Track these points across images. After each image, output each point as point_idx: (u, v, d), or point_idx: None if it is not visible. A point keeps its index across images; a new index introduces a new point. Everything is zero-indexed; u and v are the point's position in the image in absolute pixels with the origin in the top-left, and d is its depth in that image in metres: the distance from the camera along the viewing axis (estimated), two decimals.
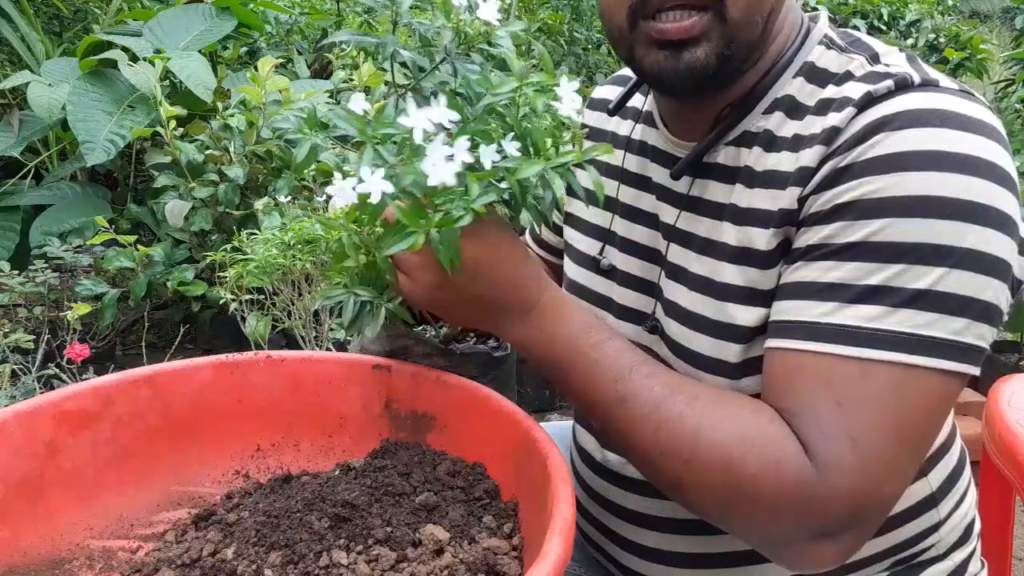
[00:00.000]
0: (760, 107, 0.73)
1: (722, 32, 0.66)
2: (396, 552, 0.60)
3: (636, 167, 0.85)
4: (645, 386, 0.64)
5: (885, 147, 0.60)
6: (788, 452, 0.59)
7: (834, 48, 0.72)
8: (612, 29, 0.72)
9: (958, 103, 0.62)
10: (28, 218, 2.74)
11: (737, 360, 0.70)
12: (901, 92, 0.63)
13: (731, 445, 0.60)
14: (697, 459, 0.61)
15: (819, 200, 0.63)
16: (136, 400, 0.76)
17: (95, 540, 0.70)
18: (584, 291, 0.90)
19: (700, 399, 0.63)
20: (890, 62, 0.67)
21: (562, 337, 0.67)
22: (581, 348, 0.66)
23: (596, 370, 0.66)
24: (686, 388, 0.65)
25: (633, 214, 0.85)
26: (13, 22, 3.13)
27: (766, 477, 0.59)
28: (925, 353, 0.58)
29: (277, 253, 1.68)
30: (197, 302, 2.48)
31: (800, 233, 0.64)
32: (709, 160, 0.75)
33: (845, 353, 0.59)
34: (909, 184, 0.58)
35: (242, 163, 2.53)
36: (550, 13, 4.56)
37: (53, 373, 1.94)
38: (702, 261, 0.74)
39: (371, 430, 0.81)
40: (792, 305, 0.63)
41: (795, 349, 0.62)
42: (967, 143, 0.59)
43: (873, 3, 5.54)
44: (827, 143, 0.64)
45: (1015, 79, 4.62)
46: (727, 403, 0.64)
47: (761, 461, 0.59)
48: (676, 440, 0.62)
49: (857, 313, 0.59)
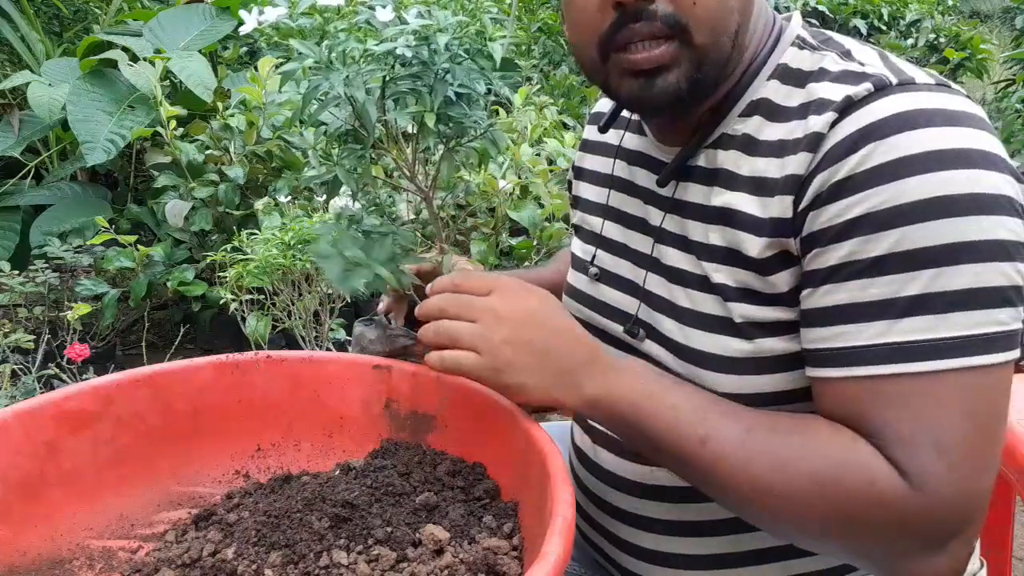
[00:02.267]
0: (736, 110, 0.73)
1: (691, 57, 0.67)
2: (396, 552, 0.61)
3: (625, 173, 0.88)
4: (724, 424, 0.63)
5: (880, 156, 0.60)
6: (880, 472, 0.59)
7: (807, 48, 0.72)
8: (584, 62, 0.73)
9: (938, 99, 0.62)
10: (28, 218, 2.75)
11: (742, 356, 0.70)
12: (881, 95, 0.63)
13: (823, 471, 0.60)
14: (792, 491, 0.61)
15: (823, 216, 0.63)
16: (136, 400, 0.76)
17: (95, 540, 0.70)
18: (576, 293, 0.92)
19: (779, 430, 0.63)
20: (863, 60, 0.68)
21: (638, 387, 0.66)
22: (656, 394, 0.66)
23: (675, 415, 0.65)
24: (762, 420, 0.64)
25: (623, 219, 0.87)
26: (13, 22, 3.13)
27: (864, 499, 0.59)
28: (985, 351, 0.59)
29: (277, 253, 1.69)
30: (197, 302, 2.49)
31: (815, 253, 0.64)
32: (690, 164, 0.77)
33: (911, 370, 0.59)
34: (913, 189, 0.59)
35: (242, 163, 2.54)
36: (550, 13, 4.57)
37: (53, 373, 1.94)
38: (693, 261, 0.75)
39: (371, 430, 0.81)
40: (839, 331, 0.63)
41: (859, 376, 0.62)
42: (957, 138, 0.60)
43: (873, 3, 5.54)
44: (812, 149, 0.64)
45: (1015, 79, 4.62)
46: (805, 429, 0.63)
47: (856, 483, 0.59)
48: (767, 475, 0.61)
49: (910, 327, 0.60)
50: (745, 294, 0.70)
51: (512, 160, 2.42)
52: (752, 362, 0.70)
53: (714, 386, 0.73)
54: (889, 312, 0.60)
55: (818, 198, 0.63)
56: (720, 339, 0.72)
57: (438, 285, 0.70)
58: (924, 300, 0.59)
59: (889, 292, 0.60)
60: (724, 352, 0.71)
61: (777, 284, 0.68)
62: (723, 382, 0.72)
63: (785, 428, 0.64)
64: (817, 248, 0.64)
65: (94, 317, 2.49)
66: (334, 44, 0.65)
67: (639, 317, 0.81)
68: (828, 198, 0.63)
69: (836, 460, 0.60)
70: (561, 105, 3.42)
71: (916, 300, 0.59)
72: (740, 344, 0.70)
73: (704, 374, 0.73)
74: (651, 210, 0.82)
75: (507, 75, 0.74)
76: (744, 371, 0.71)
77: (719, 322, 0.72)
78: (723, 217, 0.72)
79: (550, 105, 2.97)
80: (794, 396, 0.71)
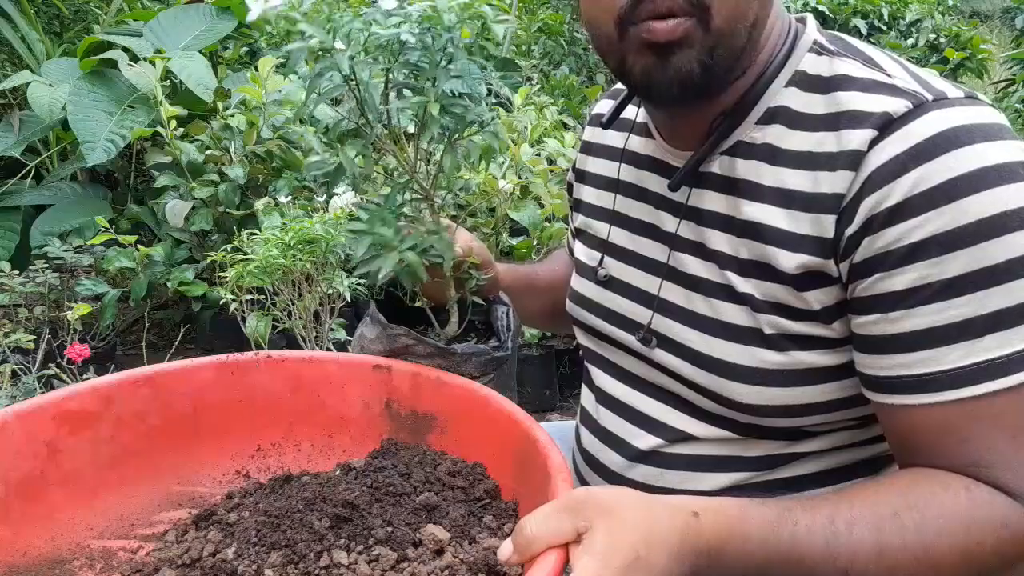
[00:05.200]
0: (752, 116, 0.73)
1: (705, 39, 0.67)
2: (396, 552, 0.60)
3: (632, 178, 0.86)
4: (854, 540, 0.59)
5: (932, 178, 0.61)
6: (1004, 508, 0.60)
7: (825, 54, 0.72)
8: (599, 38, 0.72)
9: (972, 113, 0.63)
10: (28, 218, 2.75)
11: (773, 368, 0.70)
12: (919, 112, 0.63)
13: (960, 539, 0.59)
14: (944, 571, 0.60)
15: (881, 241, 0.63)
16: (136, 400, 0.76)
17: (95, 540, 0.70)
18: (584, 300, 0.90)
19: (900, 515, 0.60)
20: (890, 70, 0.68)
21: (751, 549, 0.58)
22: (772, 545, 0.59)
23: (804, 559, 0.59)
24: (879, 511, 0.60)
25: (631, 224, 0.85)
26: (13, 22, 3.13)
27: (1005, 544, 0.59)
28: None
29: (277, 253, 1.68)
30: (197, 302, 2.49)
31: (877, 279, 0.64)
32: (704, 169, 0.76)
33: (999, 387, 0.60)
34: (972, 208, 0.60)
35: (242, 163, 2.54)
36: (550, 13, 4.56)
37: (53, 373, 1.94)
38: (714, 270, 0.74)
39: (372, 430, 0.81)
40: (923, 356, 0.62)
41: (948, 401, 0.62)
42: (999, 153, 0.61)
43: (873, 3, 5.53)
44: (853, 168, 0.64)
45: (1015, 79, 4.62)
46: (919, 500, 0.61)
47: (991, 534, 0.59)
48: (917, 571, 0.60)
49: (991, 344, 0.60)
50: (776, 307, 0.69)
51: (512, 160, 2.41)
52: (783, 374, 0.70)
53: (735, 396, 0.72)
54: (969, 333, 0.61)
55: (871, 222, 0.63)
56: (748, 350, 0.71)
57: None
58: (1001, 316, 0.60)
59: (968, 312, 0.60)
60: (752, 363, 0.71)
61: (810, 301, 0.68)
62: (746, 392, 0.71)
63: (903, 506, 0.60)
64: (880, 273, 0.63)
65: (94, 317, 2.49)
66: (339, 26, 0.65)
67: (652, 327, 0.80)
68: (885, 223, 0.62)
69: (964, 518, 0.60)
70: (561, 105, 3.42)
71: (993, 317, 0.60)
72: (772, 356, 0.70)
73: (727, 384, 0.72)
74: (663, 216, 0.80)
75: (507, 75, 0.74)
76: (773, 383, 0.70)
77: (747, 332, 0.71)
78: (752, 231, 0.71)
79: (550, 105, 2.97)
80: (820, 408, 0.71)
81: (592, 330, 0.90)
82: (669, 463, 0.79)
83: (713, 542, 0.56)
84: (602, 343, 0.89)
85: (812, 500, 0.61)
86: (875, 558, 0.59)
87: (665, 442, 0.79)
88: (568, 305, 0.94)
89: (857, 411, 0.71)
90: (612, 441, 0.85)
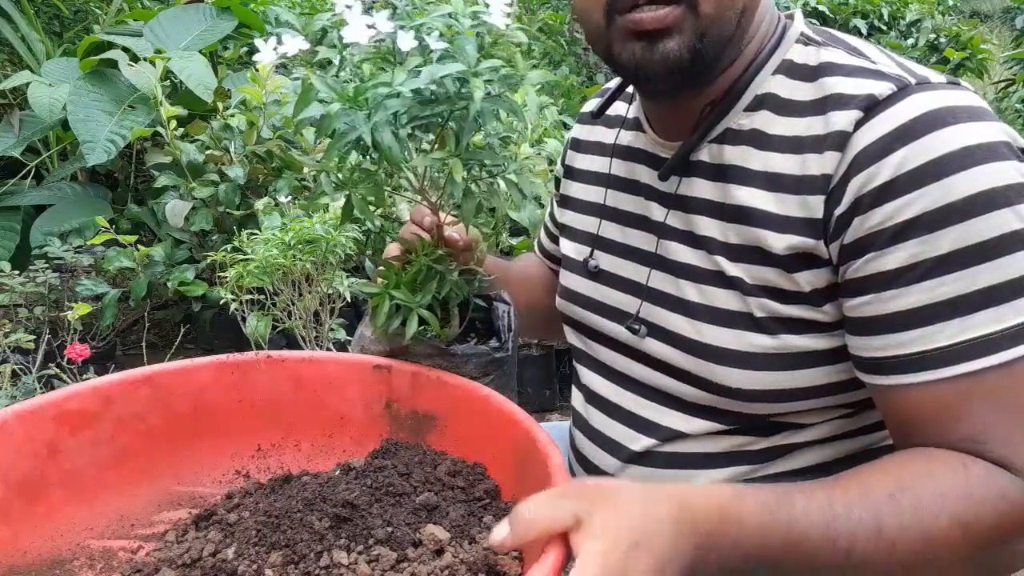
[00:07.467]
0: (741, 104, 0.74)
1: (694, 25, 0.68)
2: (396, 552, 0.61)
3: (623, 172, 0.87)
4: (853, 522, 0.59)
5: (918, 157, 0.61)
6: (1002, 483, 0.60)
7: (811, 44, 0.73)
8: (589, 28, 0.73)
9: (955, 96, 0.65)
10: (29, 218, 2.75)
11: (763, 352, 0.70)
12: (903, 94, 0.64)
13: (959, 515, 0.59)
14: (943, 548, 0.59)
15: (871, 221, 0.63)
16: (136, 400, 0.76)
17: (95, 540, 0.70)
18: (574, 295, 0.91)
19: (898, 495, 0.60)
20: (874, 57, 0.69)
21: (749, 532, 0.58)
22: (770, 528, 0.58)
23: (804, 541, 0.59)
24: (877, 492, 0.60)
25: (622, 217, 0.86)
26: (13, 22, 3.13)
27: (1004, 518, 0.59)
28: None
29: (277, 253, 1.68)
30: (197, 302, 2.48)
31: (869, 258, 0.64)
32: (694, 158, 0.77)
33: (993, 363, 0.60)
34: (958, 187, 0.60)
35: (242, 163, 2.53)
36: (550, 13, 4.57)
37: (53, 373, 1.94)
38: (703, 256, 0.75)
39: (372, 430, 0.81)
40: (917, 335, 0.63)
41: (943, 379, 0.62)
42: (981, 132, 0.62)
43: (873, 3, 5.54)
44: (839, 149, 0.65)
45: (1015, 79, 4.62)
46: (917, 479, 0.61)
47: (990, 508, 0.59)
48: (917, 548, 0.59)
49: (984, 320, 0.60)
50: (767, 291, 0.70)
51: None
52: (774, 358, 0.70)
53: (725, 382, 0.72)
54: (962, 309, 0.61)
55: (859, 202, 0.64)
56: (739, 334, 0.71)
57: None
58: (993, 292, 0.60)
59: (960, 289, 0.61)
60: (743, 347, 0.71)
61: (800, 283, 0.68)
62: (737, 377, 0.72)
63: (900, 485, 0.60)
64: (871, 252, 0.64)
65: (94, 317, 2.49)
66: (358, 86, 0.62)
67: (640, 315, 0.81)
68: (873, 202, 0.63)
69: (962, 495, 0.59)
70: (561, 105, 3.42)
71: (985, 293, 0.60)
72: (762, 340, 0.70)
73: (717, 369, 0.73)
74: (652, 206, 0.81)
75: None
76: (764, 367, 0.71)
77: (737, 317, 0.71)
78: (741, 215, 0.71)
79: (550, 105, 2.97)
80: (810, 393, 0.71)
81: (582, 327, 0.90)
82: (663, 462, 0.80)
83: (713, 525, 0.56)
84: (591, 342, 0.89)
85: (810, 484, 0.62)
86: (875, 538, 0.59)
87: (658, 442, 0.80)
88: (558, 302, 0.94)
89: (847, 396, 0.72)
90: (605, 443, 0.85)
